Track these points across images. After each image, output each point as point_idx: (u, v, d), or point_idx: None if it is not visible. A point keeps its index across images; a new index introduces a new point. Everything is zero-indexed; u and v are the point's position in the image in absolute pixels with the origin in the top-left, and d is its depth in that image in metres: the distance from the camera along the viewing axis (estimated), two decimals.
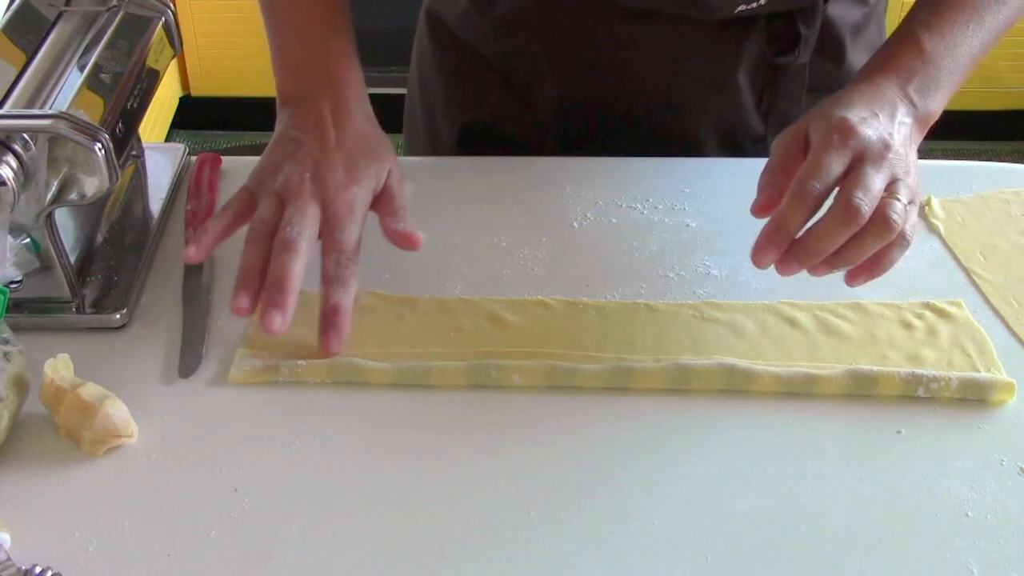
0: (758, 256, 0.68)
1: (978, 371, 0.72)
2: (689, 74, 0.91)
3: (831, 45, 0.93)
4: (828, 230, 0.67)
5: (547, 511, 0.63)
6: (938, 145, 2.61)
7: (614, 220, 0.85)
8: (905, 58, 0.77)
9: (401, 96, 1.10)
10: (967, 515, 0.63)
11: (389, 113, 1.06)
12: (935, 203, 0.87)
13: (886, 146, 0.70)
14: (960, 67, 0.77)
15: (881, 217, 0.67)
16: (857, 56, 0.94)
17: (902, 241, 0.69)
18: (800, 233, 0.68)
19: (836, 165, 0.68)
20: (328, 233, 0.73)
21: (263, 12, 0.85)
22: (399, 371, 0.71)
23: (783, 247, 0.67)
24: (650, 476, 0.65)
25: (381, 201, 0.77)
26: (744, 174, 0.76)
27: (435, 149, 1.02)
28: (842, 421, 0.69)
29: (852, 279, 0.69)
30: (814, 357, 0.73)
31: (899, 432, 0.68)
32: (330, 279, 0.72)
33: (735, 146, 0.96)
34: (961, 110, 2.74)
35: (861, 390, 0.70)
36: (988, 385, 0.70)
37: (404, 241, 0.76)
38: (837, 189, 0.68)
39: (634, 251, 0.82)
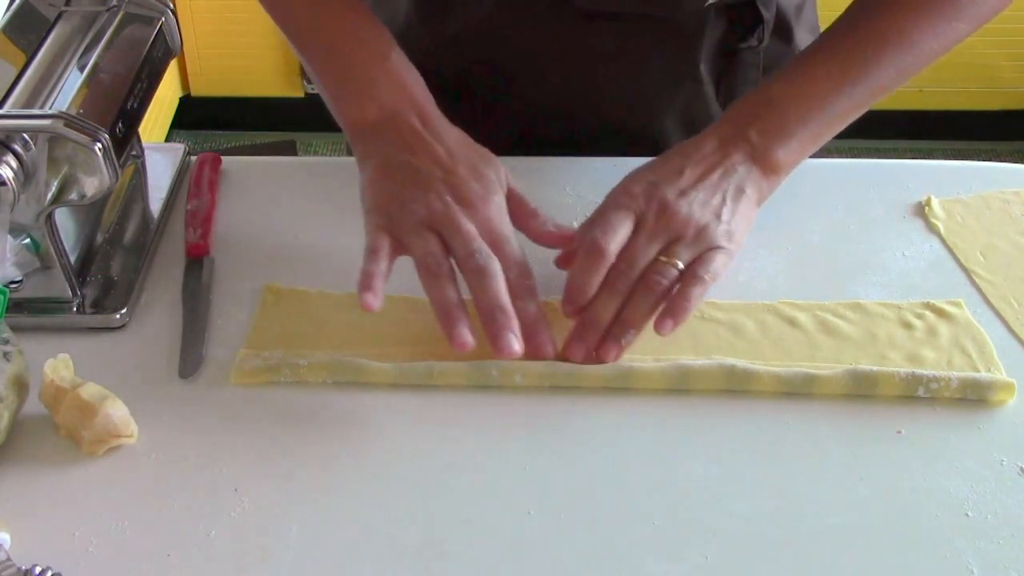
0: (564, 306, 0.72)
1: (978, 371, 0.72)
2: (652, 70, 0.91)
3: (780, 27, 0.93)
4: (577, 275, 0.71)
5: (547, 511, 0.63)
6: (938, 145, 2.61)
7: None
8: (751, 106, 0.78)
9: None
10: (967, 515, 0.63)
11: None
12: (935, 203, 0.87)
13: (663, 209, 0.73)
14: (814, 118, 0.77)
15: (644, 280, 0.71)
16: (801, 35, 0.94)
17: (697, 280, 0.71)
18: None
19: (619, 225, 0.72)
20: (496, 249, 0.71)
21: (306, 53, 0.82)
22: (400, 371, 0.71)
23: (580, 302, 0.71)
24: (650, 476, 0.65)
25: (512, 204, 0.75)
26: None
27: None
28: (842, 421, 0.69)
29: (660, 326, 0.70)
30: (814, 357, 0.73)
31: (899, 432, 0.68)
32: (518, 293, 0.71)
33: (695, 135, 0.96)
34: (961, 110, 2.75)
35: (861, 390, 0.70)
36: (988, 385, 0.70)
37: (561, 241, 0.75)
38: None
39: None
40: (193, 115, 2.69)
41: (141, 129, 0.82)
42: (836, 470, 0.66)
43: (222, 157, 0.92)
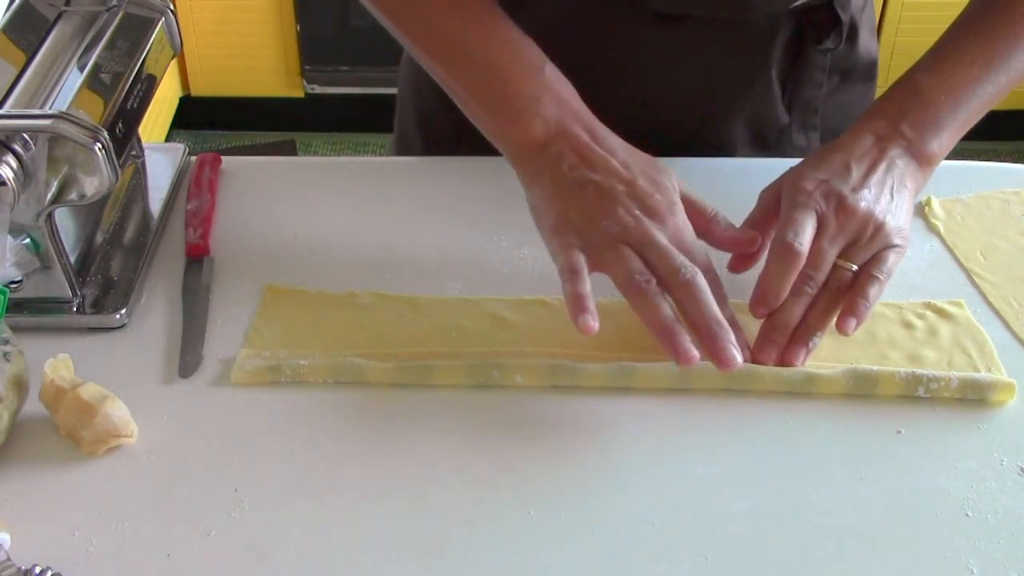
0: (753, 309, 0.72)
1: (979, 371, 0.72)
2: (723, 73, 0.90)
3: (850, 29, 0.92)
4: (771, 278, 0.71)
5: (547, 511, 0.63)
6: None
7: None
8: (899, 99, 0.78)
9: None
10: (967, 515, 0.63)
11: (392, 112, 1.06)
12: (935, 203, 0.87)
13: (841, 207, 0.72)
14: (964, 106, 0.77)
15: (825, 282, 0.71)
16: (864, 36, 0.94)
17: (873, 280, 0.71)
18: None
19: (808, 225, 0.71)
20: (689, 259, 0.70)
21: (452, 71, 0.78)
22: (400, 371, 0.71)
23: (772, 306, 0.71)
24: (650, 476, 0.65)
25: (689, 210, 0.74)
26: (742, 174, 0.76)
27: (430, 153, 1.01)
28: (842, 421, 0.69)
29: (844, 327, 0.70)
30: (814, 357, 0.73)
31: (899, 432, 0.68)
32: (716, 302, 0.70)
33: (762, 140, 0.95)
34: None
35: (861, 390, 0.70)
36: (988, 385, 0.70)
37: (745, 244, 0.75)
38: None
39: None
40: (193, 115, 2.69)
41: (141, 129, 0.82)
42: (836, 470, 0.66)
43: (222, 157, 0.92)
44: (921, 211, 0.86)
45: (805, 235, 0.71)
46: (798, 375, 0.70)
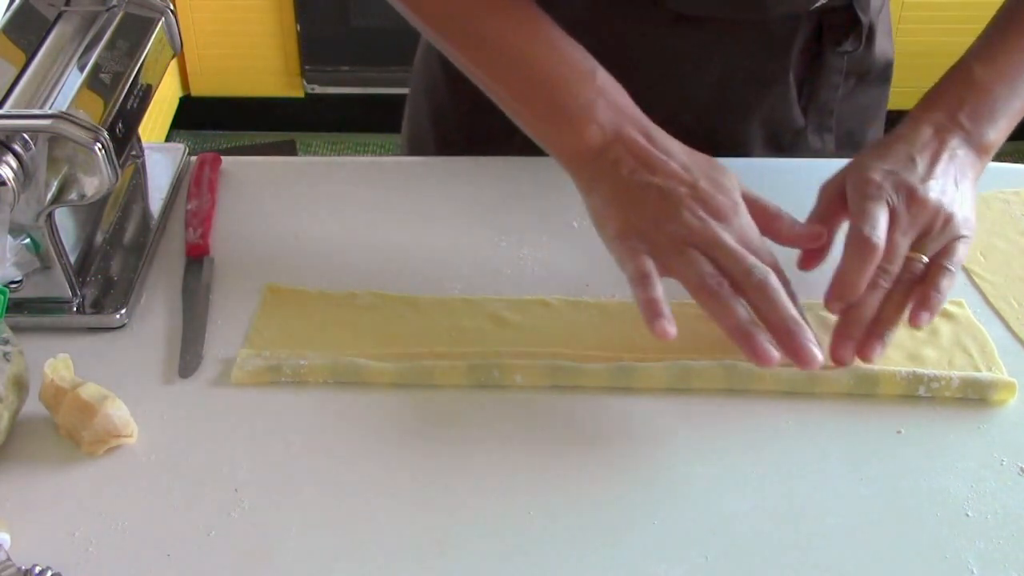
0: (828, 304, 0.71)
1: (979, 370, 0.72)
2: (741, 74, 0.90)
3: (867, 31, 0.92)
4: (849, 273, 0.70)
5: (547, 511, 0.63)
6: None
7: None
8: (955, 88, 0.78)
9: (401, 96, 1.09)
10: (967, 515, 0.63)
11: (392, 112, 1.06)
12: None
13: (912, 198, 0.72)
14: (1019, 95, 0.77)
15: (899, 278, 0.71)
16: (881, 40, 0.94)
17: (945, 272, 0.71)
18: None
19: (882, 218, 0.71)
20: (758, 259, 0.70)
21: (502, 79, 0.77)
22: (401, 371, 0.71)
23: (848, 300, 0.71)
24: (650, 476, 0.65)
25: (751, 208, 0.73)
26: (745, 173, 0.76)
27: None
28: (842, 421, 0.69)
29: (918, 320, 0.70)
30: None
31: (899, 432, 0.68)
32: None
33: (777, 141, 0.95)
34: None
35: (862, 389, 0.70)
36: (989, 384, 0.70)
37: (814, 239, 0.74)
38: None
39: None
40: (193, 115, 2.69)
41: (141, 129, 0.82)
42: (836, 470, 0.66)
43: (222, 157, 0.92)
44: None
45: (881, 228, 0.70)
46: (799, 375, 0.70)
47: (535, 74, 0.75)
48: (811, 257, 0.76)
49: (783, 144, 0.95)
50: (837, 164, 0.88)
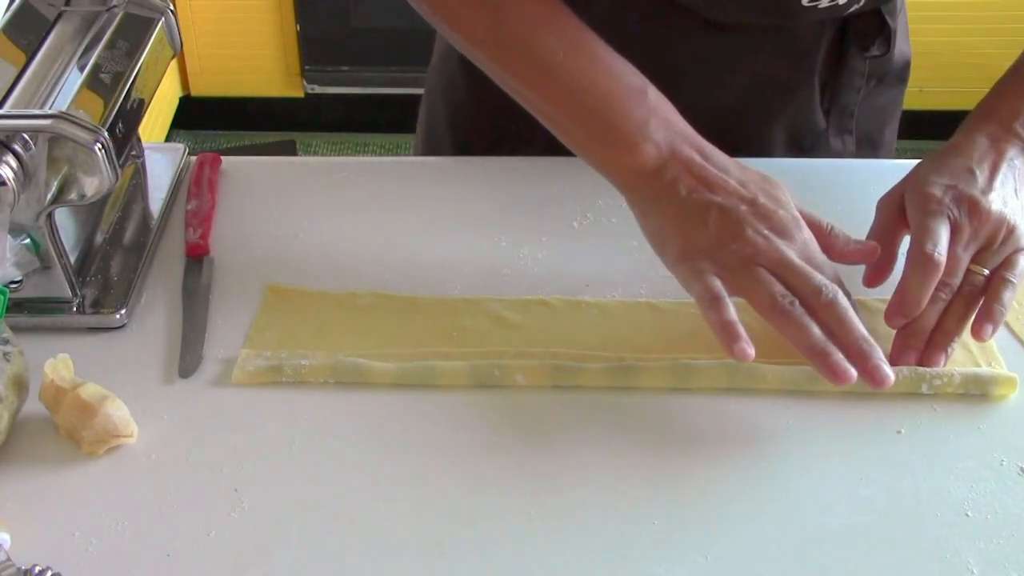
0: (890, 320, 0.71)
1: (979, 366, 0.72)
2: (766, 81, 0.90)
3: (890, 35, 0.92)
4: (912, 288, 0.70)
5: (548, 511, 0.63)
6: (936, 145, 2.59)
7: (614, 220, 0.85)
8: (1008, 100, 0.78)
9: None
10: (967, 515, 0.63)
11: (392, 112, 1.06)
12: None
13: (974, 212, 0.72)
14: None
15: (960, 291, 0.71)
16: (900, 41, 0.94)
17: (1007, 284, 0.71)
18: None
19: (944, 233, 0.71)
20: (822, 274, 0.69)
21: (552, 98, 0.75)
22: (402, 371, 0.71)
23: (910, 316, 0.71)
24: (651, 476, 0.65)
25: (807, 223, 0.72)
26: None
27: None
28: (842, 421, 0.69)
29: (981, 333, 0.70)
30: None
31: (899, 432, 0.68)
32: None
33: (799, 144, 0.95)
34: (959, 110, 2.74)
35: (864, 387, 0.70)
36: (990, 380, 0.70)
37: (870, 255, 0.73)
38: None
39: (634, 251, 0.82)
40: (193, 115, 2.69)
41: (141, 129, 0.82)
42: (836, 470, 0.66)
43: (222, 157, 0.92)
44: None
45: (942, 244, 0.70)
46: (800, 374, 0.70)
47: (587, 95, 0.73)
48: (876, 274, 0.75)
49: (804, 146, 0.95)
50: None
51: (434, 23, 0.80)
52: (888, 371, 0.66)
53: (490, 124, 0.96)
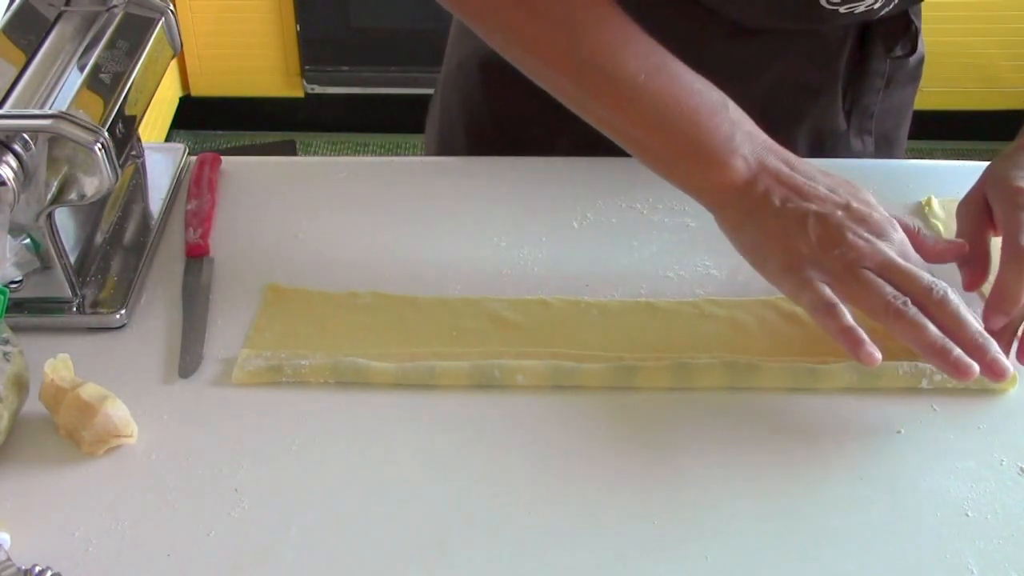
0: (991, 318, 0.70)
1: None
2: (791, 85, 0.90)
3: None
4: (1008, 284, 0.70)
5: (548, 511, 0.63)
6: (938, 145, 2.61)
7: (614, 220, 0.85)
8: None
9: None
10: (967, 515, 0.63)
11: (392, 112, 1.06)
12: (935, 203, 0.87)
13: None
14: None
15: None
16: (920, 45, 0.94)
17: None
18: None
19: None
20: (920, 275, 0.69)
21: (639, 130, 0.74)
22: (402, 371, 0.71)
23: (1010, 312, 0.70)
24: (651, 476, 0.65)
25: None
26: None
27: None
28: (842, 420, 0.69)
29: None
30: (815, 351, 0.73)
31: (899, 432, 0.68)
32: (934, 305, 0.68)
33: (820, 146, 0.95)
34: (961, 110, 2.75)
35: (865, 383, 0.70)
36: None
37: (958, 253, 0.73)
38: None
39: (634, 251, 0.82)
40: (193, 115, 2.69)
41: (141, 129, 0.82)
42: (836, 470, 0.66)
43: (222, 157, 0.92)
44: (921, 211, 0.86)
45: None
46: (801, 370, 0.70)
47: (670, 112, 0.72)
48: (975, 276, 0.75)
49: (825, 147, 0.95)
50: (836, 165, 0.88)
51: (507, 51, 0.78)
52: (1006, 363, 0.66)
53: (510, 136, 0.96)
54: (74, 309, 0.76)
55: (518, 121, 0.84)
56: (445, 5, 0.79)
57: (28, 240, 0.73)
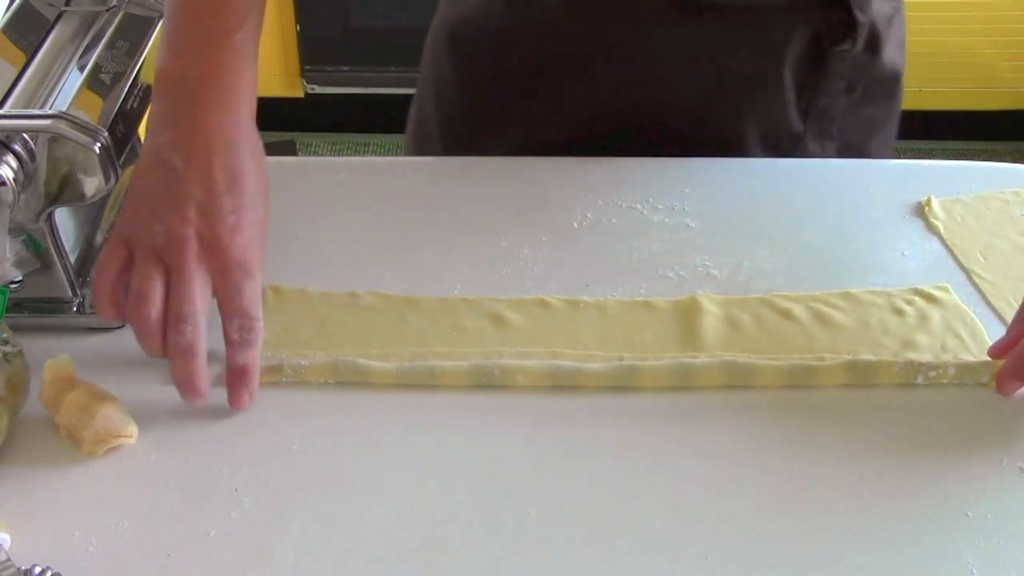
0: (1004, 384, 0.70)
1: (972, 354, 0.72)
2: (733, 72, 0.90)
3: (871, 37, 0.92)
4: None
5: (548, 511, 0.63)
6: (938, 145, 2.61)
7: (614, 220, 0.85)
8: None
9: (401, 96, 1.09)
10: (967, 515, 0.63)
11: (392, 112, 1.06)
12: (935, 203, 0.87)
13: None
14: None
15: None
16: (889, 49, 0.94)
17: None
18: None
19: None
20: (227, 298, 0.67)
21: None
22: (402, 372, 0.71)
23: None
24: (651, 476, 0.65)
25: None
26: (745, 174, 0.76)
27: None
28: (842, 421, 0.69)
29: None
30: (811, 348, 0.73)
31: (899, 432, 0.68)
32: (236, 344, 0.68)
33: (775, 145, 0.95)
34: (961, 110, 2.75)
35: (861, 380, 0.70)
36: (985, 368, 0.71)
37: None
38: None
39: (634, 251, 0.82)
40: None
41: (141, 129, 0.82)
42: (836, 470, 0.66)
43: None
44: (921, 211, 0.86)
45: None
46: (798, 367, 0.70)
47: (186, 7, 0.71)
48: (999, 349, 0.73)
49: (781, 148, 0.95)
50: (836, 165, 0.89)
51: None
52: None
53: (476, 105, 0.97)
54: (74, 309, 0.76)
55: (485, 94, 0.85)
56: None
57: (28, 240, 0.73)
